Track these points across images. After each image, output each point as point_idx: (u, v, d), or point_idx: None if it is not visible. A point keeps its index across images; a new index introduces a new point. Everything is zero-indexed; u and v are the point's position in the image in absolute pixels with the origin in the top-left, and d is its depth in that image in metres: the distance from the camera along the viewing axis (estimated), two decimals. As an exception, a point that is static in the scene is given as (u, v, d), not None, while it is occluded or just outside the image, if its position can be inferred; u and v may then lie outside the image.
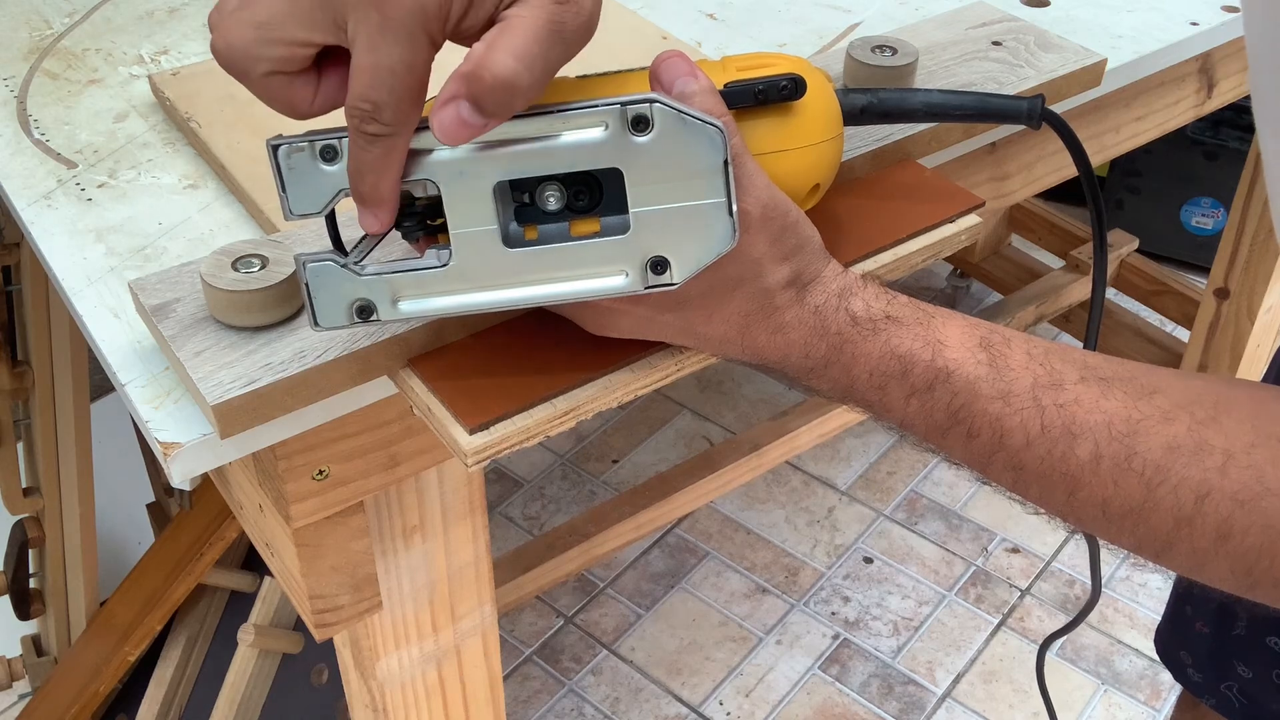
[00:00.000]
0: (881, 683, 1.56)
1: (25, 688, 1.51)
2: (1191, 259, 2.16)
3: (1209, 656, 0.88)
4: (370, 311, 0.50)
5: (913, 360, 0.50)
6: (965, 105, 0.64)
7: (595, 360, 0.56)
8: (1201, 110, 1.04)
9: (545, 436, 0.54)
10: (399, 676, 0.76)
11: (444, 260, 0.49)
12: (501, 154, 0.47)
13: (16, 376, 1.31)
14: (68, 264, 0.66)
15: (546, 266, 0.49)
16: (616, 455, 1.88)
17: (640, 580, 1.69)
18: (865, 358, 0.50)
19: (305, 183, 0.48)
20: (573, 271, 0.49)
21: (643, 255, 0.49)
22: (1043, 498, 0.49)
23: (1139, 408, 0.47)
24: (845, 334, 0.51)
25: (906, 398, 0.50)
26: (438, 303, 0.50)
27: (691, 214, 0.48)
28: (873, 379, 0.51)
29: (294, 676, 1.21)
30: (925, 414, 0.50)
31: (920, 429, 0.51)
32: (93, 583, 1.43)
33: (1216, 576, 0.47)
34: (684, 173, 0.47)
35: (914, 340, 0.50)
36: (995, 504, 1.79)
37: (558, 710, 1.53)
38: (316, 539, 0.64)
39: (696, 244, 0.48)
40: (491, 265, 0.49)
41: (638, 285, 0.49)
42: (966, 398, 0.49)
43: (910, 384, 0.50)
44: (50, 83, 0.83)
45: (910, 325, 0.50)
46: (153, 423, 0.55)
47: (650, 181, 0.47)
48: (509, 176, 0.48)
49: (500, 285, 0.50)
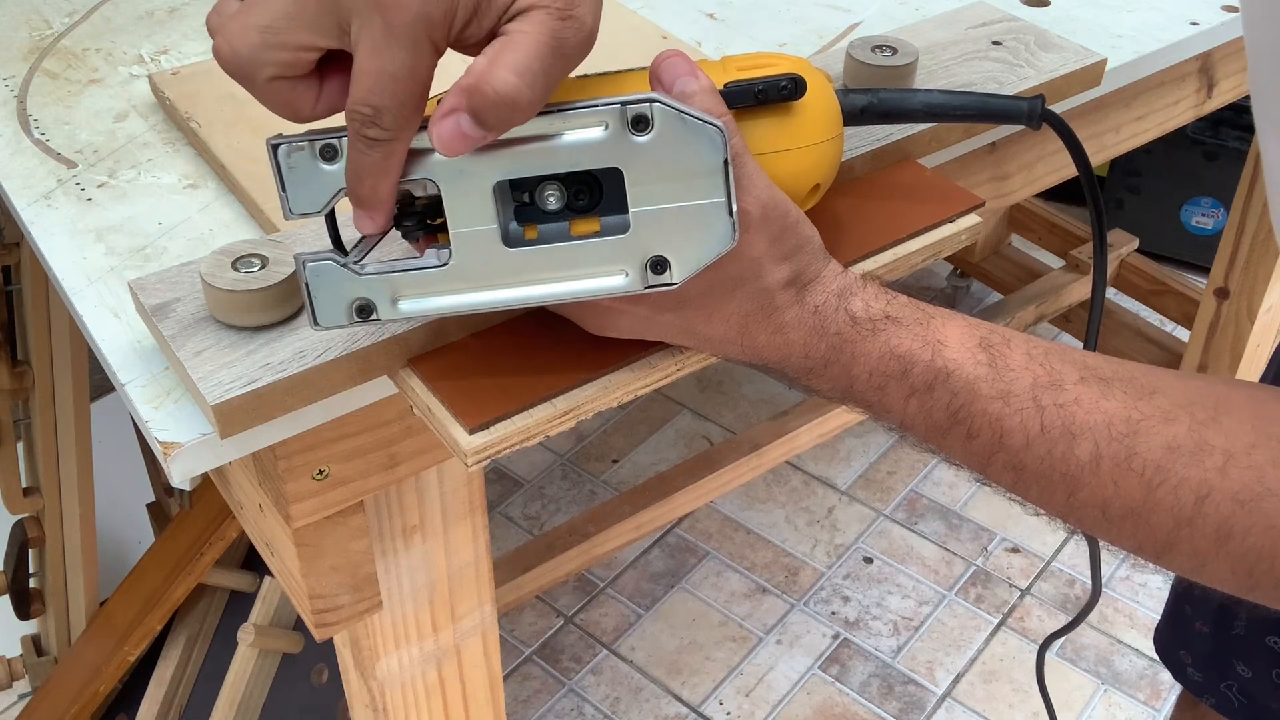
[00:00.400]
0: (881, 682, 1.56)
1: (25, 687, 1.51)
2: (1191, 259, 2.16)
3: (1209, 656, 0.88)
4: (370, 311, 0.50)
5: (912, 360, 0.50)
6: (965, 105, 0.64)
7: (595, 360, 0.56)
8: (1201, 110, 1.04)
9: (545, 436, 0.54)
10: (399, 676, 0.76)
11: (444, 260, 0.49)
12: (502, 154, 0.47)
13: (16, 376, 1.31)
14: (68, 264, 0.66)
15: (546, 266, 0.49)
16: (616, 455, 1.88)
17: (640, 580, 1.69)
18: (865, 358, 0.50)
19: (305, 182, 0.48)
20: (573, 271, 0.49)
21: (643, 255, 0.49)
22: (1043, 498, 0.49)
23: (1139, 408, 0.47)
24: (845, 334, 0.51)
25: (906, 398, 0.50)
26: (438, 302, 0.50)
27: (691, 214, 0.48)
28: (872, 379, 0.51)
29: (294, 676, 1.21)
30: (925, 414, 0.50)
31: (920, 429, 0.51)
32: (93, 582, 1.43)
33: (1217, 578, 0.47)
34: (684, 172, 0.47)
35: (913, 340, 0.50)
36: (995, 504, 1.79)
37: (558, 710, 1.53)
38: (316, 539, 0.64)
39: (696, 244, 0.48)
40: (491, 265, 0.49)
41: (638, 285, 0.49)
42: (966, 398, 0.49)
43: (910, 384, 0.50)
44: (50, 82, 0.83)
45: (910, 325, 0.50)
46: (153, 422, 0.55)
47: (650, 181, 0.47)
48: (509, 176, 0.48)
49: (500, 285, 0.50)
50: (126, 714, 1.35)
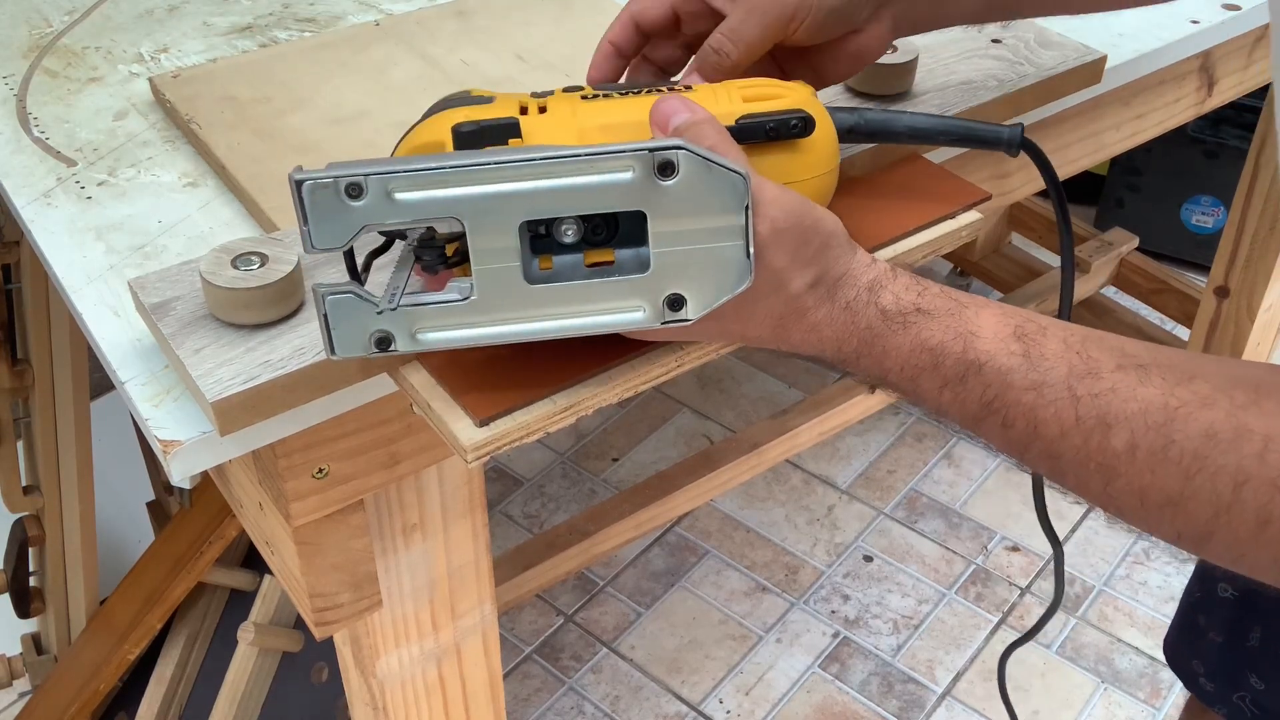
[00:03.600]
0: (881, 681, 1.56)
1: (25, 686, 1.51)
2: (1191, 257, 2.16)
3: (1222, 666, 0.87)
4: (389, 343, 0.51)
5: (944, 353, 0.50)
6: (949, 130, 0.65)
7: (595, 357, 0.56)
8: (1202, 108, 1.04)
9: (545, 433, 0.54)
10: (399, 675, 0.76)
11: (465, 294, 0.50)
12: (529, 193, 0.48)
13: (16, 375, 1.31)
14: (67, 262, 0.66)
15: (566, 300, 0.50)
16: (616, 453, 1.88)
17: (640, 578, 1.69)
18: (896, 351, 0.51)
19: (329, 218, 0.48)
20: (591, 306, 0.50)
21: (660, 293, 0.50)
22: (1080, 486, 0.49)
23: (1177, 394, 0.46)
24: (875, 329, 0.51)
25: (940, 389, 0.50)
26: (457, 335, 0.51)
27: (710, 255, 0.49)
28: (904, 371, 0.51)
29: (294, 675, 1.21)
30: (959, 404, 0.50)
31: (956, 416, 0.51)
32: (93, 581, 1.43)
33: (1258, 566, 0.46)
34: (705, 216, 0.49)
35: (945, 333, 0.50)
36: (995, 502, 1.79)
37: (558, 708, 1.53)
38: (316, 537, 0.64)
39: (713, 284, 0.50)
40: (512, 299, 0.50)
41: (654, 321, 0.51)
42: (999, 389, 0.49)
43: (942, 376, 0.50)
44: (50, 81, 0.83)
45: (941, 317, 0.50)
46: (152, 420, 0.55)
47: (671, 224, 0.49)
48: (535, 216, 0.49)
49: (520, 318, 0.51)
50: (126, 712, 1.35)
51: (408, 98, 0.78)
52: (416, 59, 0.83)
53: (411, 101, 0.77)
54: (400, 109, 0.76)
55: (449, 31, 0.87)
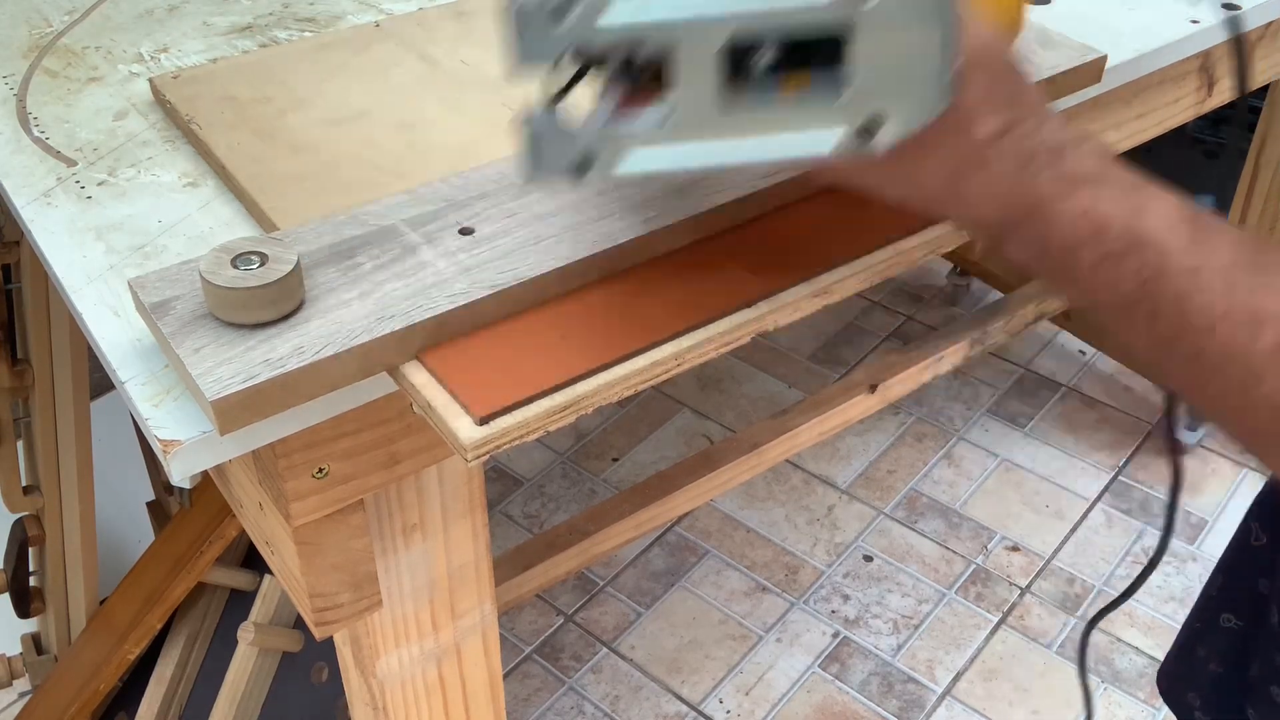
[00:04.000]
0: (881, 681, 1.56)
1: (25, 686, 1.51)
2: (1192, 257, 2.16)
3: (1220, 697, 0.86)
4: (589, 165, 0.51)
5: (1109, 223, 0.47)
6: None
7: (594, 355, 0.56)
8: (1202, 108, 1.04)
9: (545, 431, 0.54)
10: (399, 675, 0.76)
11: (664, 117, 0.50)
12: (731, 17, 0.48)
13: (16, 375, 1.31)
14: (67, 262, 0.66)
15: (763, 126, 0.50)
16: (616, 453, 1.88)
17: (640, 578, 1.69)
18: (1061, 218, 0.48)
19: (537, 39, 0.49)
20: (784, 133, 0.50)
21: (854, 117, 0.50)
22: (1220, 397, 0.46)
23: None
24: (1047, 194, 0.49)
25: (1097, 263, 0.48)
26: (656, 158, 0.51)
27: (907, 77, 0.49)
28: (1064, 241, 0.48)
29: (294, 675, 1.21)
30: (1112, 284, 0.47)
31: (1106, 299, 0.48)
32: (93, 581, 1.43)
33: None
34: (904, 36, 0.48)
35: (1115, 205, 0.48)
36: (995, 502, 1.79)
37: (558, 708, 1.53)
38: (316, 537, 0.64)
39: (909, 107, 0.49)
40: (712, 124, 0.50)
41: (847, 145, 0.50)
42: (1156, 269, 0.46)
43: (1104, 248, 0.47)
44: (50, 80, 0.83)
45: (1116, 187, 0.48)
46: (152, 420, 0.55)
47: (870, 44, 0.48)
48: (737, 41, 0.49)
49: (715, 145, 0.51)
50: (126, 712, 1.35)
51: (408, 98, 0.78)
52: (416, 59, 0.83)
53: (411, 101, 0.77)
54: (400, 109, 0.76)
55: (449, 31, 0.87)
